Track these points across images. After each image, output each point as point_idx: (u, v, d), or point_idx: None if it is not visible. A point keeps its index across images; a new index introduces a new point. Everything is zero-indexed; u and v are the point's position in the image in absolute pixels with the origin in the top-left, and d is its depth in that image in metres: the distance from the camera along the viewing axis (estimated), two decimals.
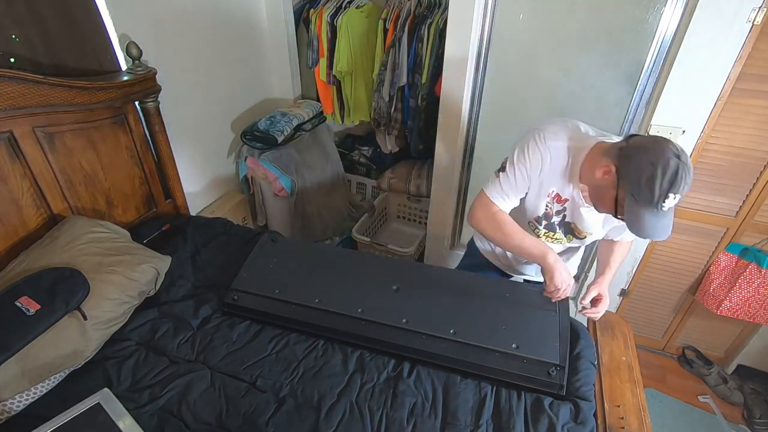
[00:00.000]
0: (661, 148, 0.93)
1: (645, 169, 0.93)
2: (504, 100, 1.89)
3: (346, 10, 2.30)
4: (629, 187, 0.97)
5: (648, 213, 0.96)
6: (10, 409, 1.09)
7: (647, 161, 0.93)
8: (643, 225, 0.98)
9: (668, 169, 0.91)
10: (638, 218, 0.98)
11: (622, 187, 0.99)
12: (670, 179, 0.91)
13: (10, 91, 1.23)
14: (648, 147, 0.96)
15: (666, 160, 0.91)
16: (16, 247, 1.37)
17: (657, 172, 0.92)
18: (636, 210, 0.98)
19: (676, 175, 0.91)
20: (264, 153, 2.20)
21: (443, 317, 1.30)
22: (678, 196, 0.92)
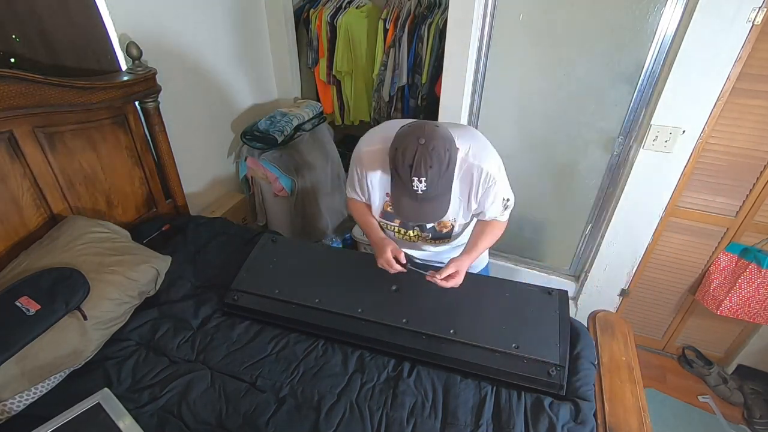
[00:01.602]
0: (406, 134, 0.97)
1: (393, 156, 0.99)
2: (504, 100, 1.89)
3: (346, 10, 2.30)
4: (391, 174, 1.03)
5: (404, 196, 1.01)
6: (10, 409, 1.09)
7: (394, 147, 0.99)
8: (401, 207, 1.03)
9: (407, 154, 0.95)
10: (397, 200, 1.03)
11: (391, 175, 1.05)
12: (409, 163, 0.95)
13: (10, 91, 1.23)
14: (399, 134, 1.00)
15: (406, 145, 0.96)
16: (16, 247, 1.37)
17: (399, 158, 0.97)
18: (396, 194, 1.03)
19: (414, 157, 0.94)
20: (264, 153, 2.20)
21: (443, 317, 1.30)
22: (423, 179, 0.95)
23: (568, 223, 2.10)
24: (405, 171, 0.96)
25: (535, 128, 1.90)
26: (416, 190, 0.96)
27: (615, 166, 1.83)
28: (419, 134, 0.95)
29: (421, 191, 0.97)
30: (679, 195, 1.76)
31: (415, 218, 1.07)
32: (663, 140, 1.62)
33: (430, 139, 0.95)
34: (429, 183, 0.96)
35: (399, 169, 0.98)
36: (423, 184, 0.95)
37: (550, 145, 1.91)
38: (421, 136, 0.95)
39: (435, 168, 0.95)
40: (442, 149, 0.96)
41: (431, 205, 1.02)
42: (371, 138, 1.19)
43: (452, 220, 1.26)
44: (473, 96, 1.90)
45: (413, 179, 0.95)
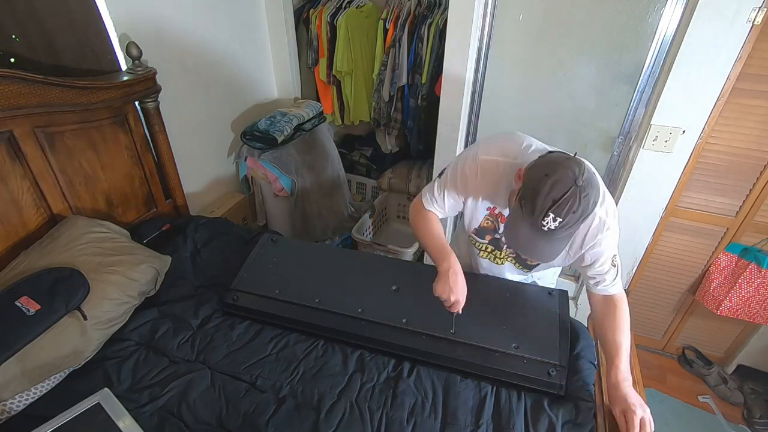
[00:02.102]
0: (564, 165, 0.87)
1: (537, 178, 0.88)
2: (504, 100, 1.89)
3: (346, 10, 2.30)
4: (521, 192, 0.92)
5: (526, 226, 0.90)
6: (10, 409, 1.09)
7: (544, 171, 0.88)
8: (518, 235, 0.93)
9: (557, 187, 0.85)
10: (515, 227, 0.93)
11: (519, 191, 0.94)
12: (554, 198, 0.85)
13: (10, 91, 1.23)
14: (553, 161, 0.90)
15: (559, 178, 0.85)
16: (16, 247, 1.37)
17: (545, 186, 0.86)
18: (516, 218, 0.93)
19: (563, 196, 0.84)
20: (264, 153, 2.20)
21: (443, 317, 1.29)
22: (559, 219, 0.85)
23: None
24: (545, 202, 0.86)
25: (535, 128, 1.90)
26: (544, 225, 0.86)
27: (615, 166, 1.84)
28: (578, 173, 0.85)
29: (548, 229, 0.87)
30: (679, 195, 1.76)
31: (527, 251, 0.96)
32: (663, 140, 1.62)
33: (587, 185, 0.85)
34: (562, 225, 0.86)
35: (539, 198, 0.86)
36: (556, 224, 0.86)
37: (550, 145, 1.90)
38: (579, 177, 0.85)
39: (577, 215, 0.86)
40: (593, 200, 0.87)
41: (549, 245, 0.92)
42: (490, 147, 1.10)
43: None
44: (473, 96, 1.90)
45: (549, 214, 0.85)
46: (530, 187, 0.89)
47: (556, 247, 0.94)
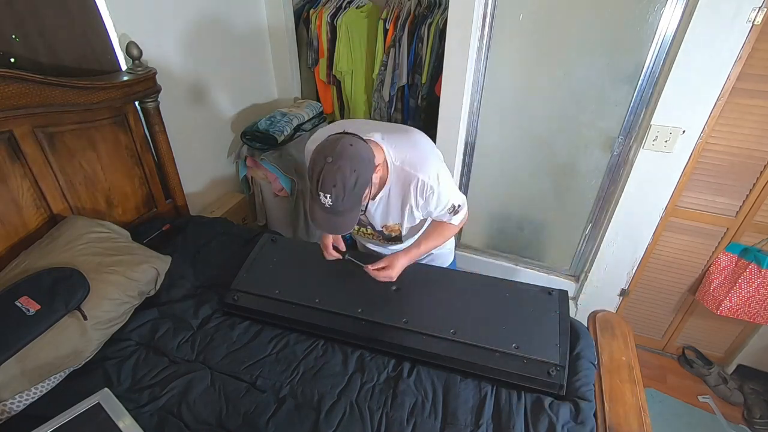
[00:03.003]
0: (319, 150, 1.01)
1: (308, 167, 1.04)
2: (504, 100, 1.89)
3: (346, 10, 2.30)
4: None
5: (316, 205, 1.03)
6: (10, 409, 1.09)
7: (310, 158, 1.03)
8: (314, 215, 1.06)
9: (315, 169, 0.99)
10: (311, 208, 1.06)
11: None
12: (316, 177, 0.98)
13: (10, 91, 1.23)
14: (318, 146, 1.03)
15: (315, 161, 0.99)
16: (16, 247, 1.37)
17: (310, 170, 1.02)
18: (310, 201, 1.06)
19: (320, 174, 0.97)
20: (264, 153, 2.20)
21: (443, 317, 1.30)
22: (329, 195, 0.98)
23: (568, 223, 2.10)
24: (313, 185, 1.00)
25: (535, 128, 1.90)
26: (323, 203, 1.00)
27: (615, 166, 1.84)
28: (329, 152, 0.98)
29: (327, 205, 1.00)
30: (679, 195, 1.76)
31: (326, 228, 1.09)
32: (663, 140, 1.62)
33: (337, 159, 0.97)
34: (334, 199, 0.98)
35: (310, 182, 1.02)
36: (329, 200, 0.99)
37: (550, 145, 1.91)
38: (329, 155, 0.97)
39: (339, 187, 0.97)
40: (348, 170, 0.97)
41: (339, 219, 1.05)
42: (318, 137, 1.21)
43: (398, 225, 1.29)
44: (473, 96, 1.90)
45: (319, 193, 0.99)
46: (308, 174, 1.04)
47: (347, 220, 1.06)
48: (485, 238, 2.36)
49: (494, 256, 2.36)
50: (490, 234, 2.33)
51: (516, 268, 2.30)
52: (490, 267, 2.35)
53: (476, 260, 2.37)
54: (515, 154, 2.00)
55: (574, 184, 1.96)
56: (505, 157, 2.03)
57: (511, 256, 2.34)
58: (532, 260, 2.30)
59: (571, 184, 1.97)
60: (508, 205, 2.19)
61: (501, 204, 2.21)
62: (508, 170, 2.06)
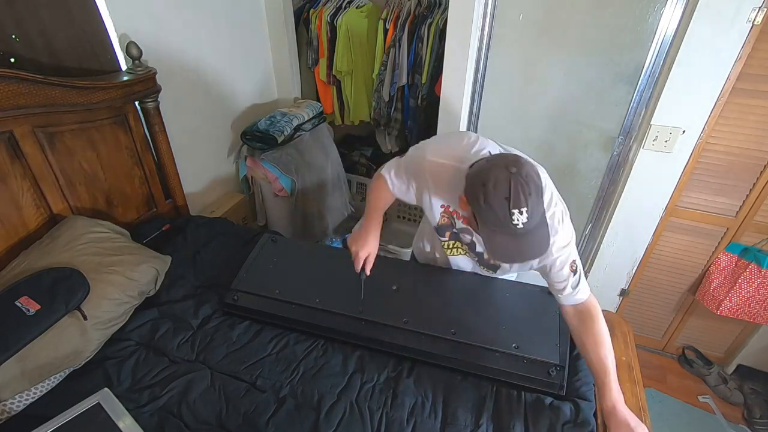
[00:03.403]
0: (489, 167, 0.88)
1: (478, 191, 0.88)
2: (504, 100, 1.89)
3: (346, 10, 2.30)
4: (475, 212, 0.92)
5: (501, 235, 0.90)
6: (10, 409, 1.09)
7: (479, 183, 0.88)
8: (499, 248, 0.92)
9: (500, 187, 0.85)
10: (493, 242, 0.92)
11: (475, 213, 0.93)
12: (505, 195, 0.84)
13: (10, 91, 1.23)
14: (479, 170, 0.90)
15: (494, 177, 0.86)
16: (16, 247, 1.37)
17: (489, 191, 0.86)
18: (488, 233, 0.92)
19: (510, 189, 0.84)
20: (264, 153, 2.20)
21: (443, 317, 1.30)
22: (524, 210, 0.84)
23: None
24: (502, 205, 0.85)
25: (535, 128, 1.90)
26: (517, 224, 0.85)
27: (615, 166, 1.84)
28: (506, 163, 0.86)
29: (522, 224, 0.85)
30: (679, 195, 1.76)
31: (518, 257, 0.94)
32: (663, 140, 1.62)
33: (520, 167, 0.86)
34: (530, 213, 0.85)
35: (494, 205, 0.86)
36: (524, 216, 0.85)
37: (550, 145, 1.91)
38: (510, 165, 0.86)
39: (534, 195, 0.85)
40: (535, 174, 0.87)
41: (533, 239, 0.91)
42: (438, 150, 1.10)
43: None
44: (473, 96, 1.90)
45: (513, 212, 0.84)
46: (480, 204, 0.88)
47: (541, 238, 0.92)
48: None
49: None
50: None
51: None
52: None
53: None
54: None
55: (574, 184, 1.96)
56: None
57: None
58: None
59: (571, 184, 1.97)
60: None
61: None
62: None
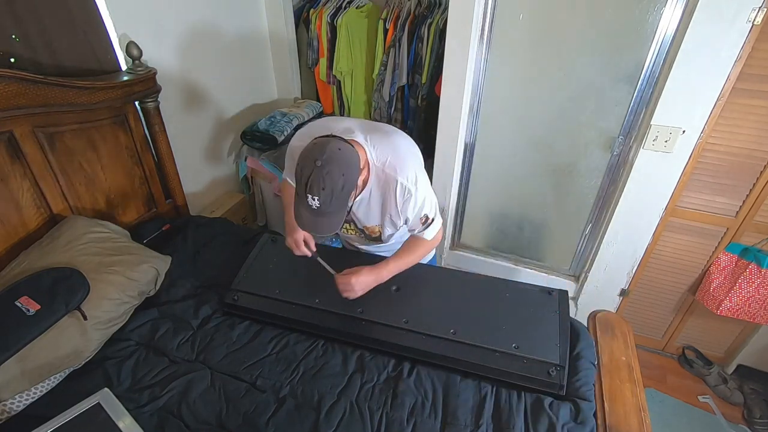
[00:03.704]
0: (307, 154, 1.02)
1: (295, 170, 1.04)
2: (504, 100, 1.89)
3: (346, 10, 2.30)
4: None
5: (301, 207, 1.05)
6: (10, 409, 1.09)
7: (298, 162, 1.03)
8: (299, 216, 1.07)
9: (305, 172, 1.00)
10: (297, 209, 1.08)
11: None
12: (305, 180, 1.00)
13: (10, 91, 1.23)
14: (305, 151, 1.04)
15: (305, 164, 1.01)
16: (16, 247, 1.37)
17: (298, 173, 1.03)
18: (296, 202, 1.07)
19: (310, 177, 0.99)
20: (264, 153, 2.20)
21: (443, 317, 1.30)
22: (316, 197, 1.00)
23: (568, 223, 2.10)
24: (301, 187, 1.02)
25: (535, 128, 1.90)
26: (311, 205, 1.02)
27: (615, 166, 1.83)
28: (318, 155, 1.00)
29: (315, 207, 1.02)
30: (679, 195, 1.76)
31: (311, 229, 1.12)
32: (663, 140, 1.62)
33: (326, 163, 0.99)
34: (322, 202, 1.00)
35: (298, 184, 1.03)
36: (316, 202, 1.01)
37: (550, 145, 1.91)
38: (318, 158, 0.99)
39: (327, 190, 0.99)
40: (337, 173, 1.00)
41: (325, 220, 1.07)
42: (303, 135, 1.23)
43: (378, 227, 1.30)
44: (473, 96, 1.90)
45: (308, 195, 1.01)
46: (295, 178, 1.06)
47: (333, 221, 1.08)
48: (485, 238, 2.36)
49: (494, 256, 2.36)
50: (490, 234, 2.33)
51: (516, 268, 2.30)
52: (490, 267, 2.34)
53: (476, 260, 2.37)
54: (515, 154, 2.00)
55: (574, 184, 1.96)
56: (505, 156, 2.03)
57: (511, 256, 2.34)
58: (532, 260, 2.30)
59: (571, 184, 1.97)
60: (508, 205, 2.19)
61: (501, 204, 2.21)
62: (508, 170, 2.06)
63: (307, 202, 1.02)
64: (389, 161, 1.16)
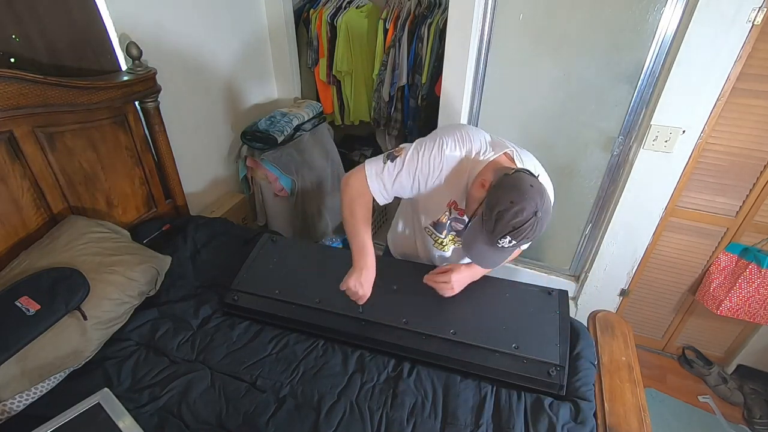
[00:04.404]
0: (530, 196, 0.92)
1: (503, 203, 0.93)
2: (504, 100, 1.89)
3: (346, 10, 2.30)
4: (485, 208, 0.98)
5: (484, 239, 0.98)
6: (10, 409, 1.09)
7: (510, 198, 0.92)
8: (474, 247, 1.01)
9: (519, 216, 0.91)
10: (474, 239, 1.01)
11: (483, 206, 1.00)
12: (515, 225, 0.91)
13: (10, 91, 1.23)
14: (521, 187, 0.94)
15: (523, 208, 0.91)
16: (16, 247, 1.37)
17: (508, 213, 0.91)
18: (476, 231, 1.00)
19: (523, 225, 0.91)
20: (264, 153, 2.20)
21: (443, 317, 1.30)
22: (514, 242, 0.94)
23: (568, 223, 2.10)
24: (505, 227, 0.92)
25: (535, 128, 1.90)
26: (499, 244, 0.94)
27: (615, 166, 1.84)
28: (539, 204, 0.92)
29: (501, 247, 0.95)
30: (679, 195, 1.76)
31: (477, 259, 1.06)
32: (663, 140, 1.62)
33: (545, 214, 0.92)
34: (515, 246, 0.95)
35: (501, 221, 0.92)
36: (510, 245, 0.94)
37: (550, 145, 1.91)
38: (540, 209, 0.91)
39: (530, 238, 0.94)
40: (545, 224, 0.94)
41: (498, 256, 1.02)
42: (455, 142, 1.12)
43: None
44: (473, 96, 1.90)
45: (506, 237, 0.93)
46: (495, 208, 0.94)
47: (503, 258, 1.05)
48: None
49: None
50: None
51: (516, 268, 2.30)
52: None
53: None
54: None
55: (574, 184, 1.96)
56: None
57: None
58: (532, 260, 2.30)
59: (571, 184, 1.97)
60: None
61: None
62: None
63: (497, 242, 0.94)
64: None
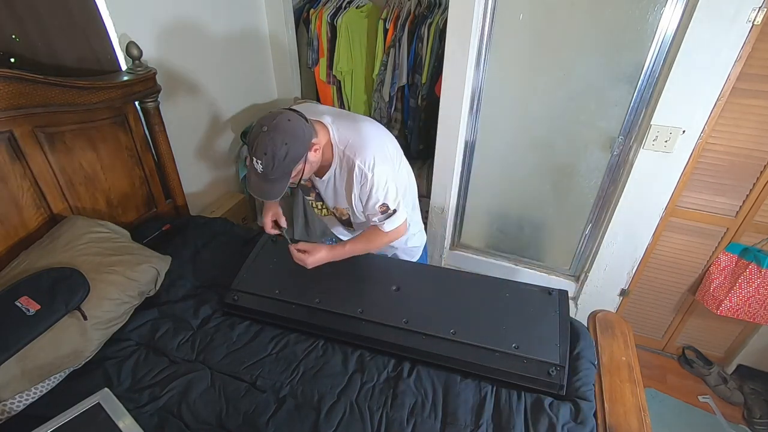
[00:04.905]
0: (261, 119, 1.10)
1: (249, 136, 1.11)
2: (504, 100, 1.89)
3: (346, 10, 2.30)
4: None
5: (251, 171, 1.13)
6: (10, 409, 1.09)
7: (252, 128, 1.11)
8: (249, 179, 1.16)
9: (250, 137, 1.09)
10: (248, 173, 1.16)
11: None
12: (250, 144, 1.09)
13: (10, 91, 1.23)
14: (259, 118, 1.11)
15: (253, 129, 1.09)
16: (16, 247, 1.37)
17: (249, 137, 1.11)
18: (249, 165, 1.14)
19: (254, 141, 1.07)
20: None
21: (443, 317, 1.30)
22: (259, 161, 1.07)
23: (568, 223, 2.10)
24: (249, 149, 1.10)
25: (536, 128, 1.90)
26: (256, 168, 1.09)
27: (615, 166, 1.84)
28: (266, 122, 1.07)
29: (259, 171, 1.09)
30: (679, 195, 1.76)
31: (255, 192, 1.17)
32: (663, 140, 1.62)
33: (271, 129, 1.06)
34: (264, 166, 1.07)
35: (248, 148, 1.11)
36: (260, 166, 1.07)
37: (550, 145, 1.91)
38: (266, 125, 1.07)
39: (269, 156, 1.06)
40: (280, 141, 1.06)
41: (268, 186, 1.13)
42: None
43: (346, 209, 1.35)
44: (473, 96, 1.90)
45: (253, 158, 1.08)
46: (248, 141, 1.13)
47: (275, 188, 1.14)
48: (485, 238, 2.36)
49: (494, 256, 2.36)
50: (490, 234, 2.33)
51: (516, 268, 2.30)
52: (490, 267, 2.35)
53: (476, 260, 2.38)
54: (515, 154, 2.00)
55: (574, 184, 1.96)
56: (505, 157, 2.03)
57: (511, 256, 2.34)
58: (532, 260, 2.30)
59: (571, 184, 1.97)
60: (508, 205, 2.20)
61: (501, 204, 2.21)
62: (508, 170, 2.06)
63: (253, 165, 1.09)
64: (350, 144, 1.20)
